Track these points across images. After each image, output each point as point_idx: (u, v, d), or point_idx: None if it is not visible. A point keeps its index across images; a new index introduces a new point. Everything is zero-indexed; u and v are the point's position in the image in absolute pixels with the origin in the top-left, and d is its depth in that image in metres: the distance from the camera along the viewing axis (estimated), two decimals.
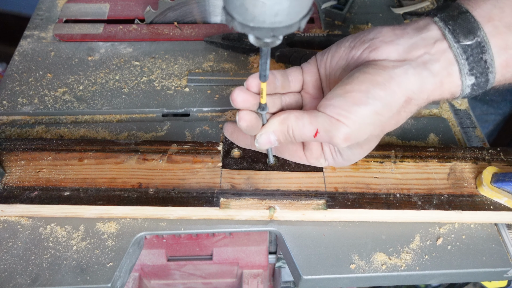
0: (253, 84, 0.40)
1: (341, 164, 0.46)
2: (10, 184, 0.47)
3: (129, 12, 0.74)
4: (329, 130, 0.38)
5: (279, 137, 0.41)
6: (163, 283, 0.68)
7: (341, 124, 0.37)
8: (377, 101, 0.37)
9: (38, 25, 0.72)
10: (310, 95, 0.45)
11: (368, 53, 0.39)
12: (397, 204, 0.46)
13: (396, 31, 0.39)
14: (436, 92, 0.38)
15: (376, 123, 0.38)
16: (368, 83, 0.37)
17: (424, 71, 0.37)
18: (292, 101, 0.45)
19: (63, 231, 0.46)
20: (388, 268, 0.44)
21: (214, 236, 0.59)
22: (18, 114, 0.59)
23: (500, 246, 0.46)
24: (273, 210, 0.46)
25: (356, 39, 0.41)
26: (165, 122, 0.58)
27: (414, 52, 0.38)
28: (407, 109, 0.38)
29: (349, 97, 0.37)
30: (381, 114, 0.37)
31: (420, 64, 0.37)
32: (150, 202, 0.45)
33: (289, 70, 0.44)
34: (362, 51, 0.39)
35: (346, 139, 0.38)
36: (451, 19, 0.38)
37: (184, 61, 0.67)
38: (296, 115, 0.40)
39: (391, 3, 0.79)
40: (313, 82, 0.45)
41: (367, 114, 0.37)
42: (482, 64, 0.37)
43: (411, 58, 0.37)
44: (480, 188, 0.47)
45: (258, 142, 0.41)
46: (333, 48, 0.43)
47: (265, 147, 0.42)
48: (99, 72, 0.64)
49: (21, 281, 0.42)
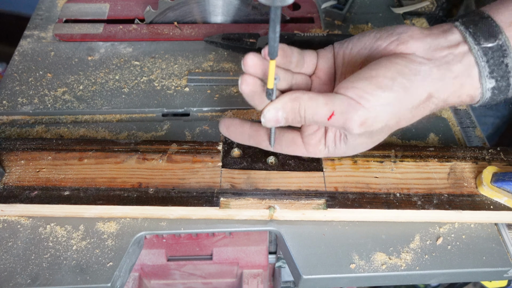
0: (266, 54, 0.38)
1: (341, 154, 0.44)
2: (10, 183, 0.47)
3: (129, 12, 0.74)
4: (346, 112, 0.37)
5: (288, 115, 0.39)
6: (163, 283, 0.68)
7: (360, 107, 0.37)
8: (401, 90, 0.37)
9: (38, 25, 0.72)
10: (321, 81, 0.45)
11: (396, 46, 0.39)
12: (397, 203, 0.46)
13: (424, 30, 0.40)
14: (456, 94, 0.39)
15: (395, 113, 0.38)
16: (395, 71, 0.37)
17: (447, 72, 0.38)
18: (302, 82, 0.44)
19: (63, 230, 0.46)
20: (388, 267, 0.44)
21: (214, 236, 0.59)
22: (18, 114, 0.59)
23: (500, 245, 0.46)
24: (273, 209, 0.46)
25: (382, 31, 0.41)
26: (165, 122, 0.58)
27: (439, 52, 0.38)
28: (426, 106, 0.39)
29: (374, 80, 0.37)
30: (402, 103, 0.38)
31: (444, 65, 0.38)
32: (150, 202, 0.45)
33: (305, 51, 0.44)
34: (389, 42, 0.40)
35: (362, 124, 0.37)
36: (472, 23, 0.39)
37: (184, 61, 0.67)
38: (310, 95, 0.39)
39: (391, 3, 0.79)
40: (326, 68, 0.44)
41: (389, 100, 0.37)
42: (503, 67, 0.38)
43: (436, 58, 0.38)
44: (480, 188, 0.47)
45: (265, 116, 0.39)
46: (356, 37, 0.43)
47: (270, 124, 0.40)
48: (99, 72, 0.64)
49: (21, 281, 0.42)
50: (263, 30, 0.71)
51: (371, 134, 0.40)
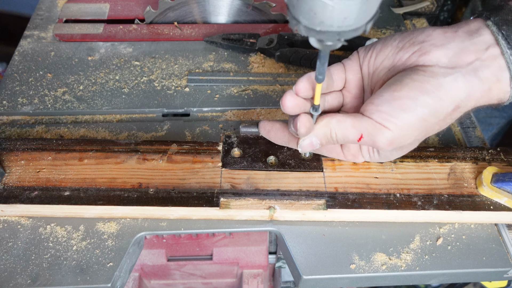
0: (302, 88, 0.39)
1: (377, 160, 0.46)
2: (10, 184, 0.47)
3: (129, 12, 0.74)
4: (373, 135, 0.38)
5: (321, 140, 0.41)
6: (163, 283, 0.68)
7: (385, 130, 0.37)
8: (425, 109, 0.36)
9: (38, 25, 0.72)
10: (351, 94, 0.45)
11: (418, 57, 0.38)
12: (397, 204, 0.46)
13: (447, 34, 0.38)
14: (484, 99, 0.38)
15: (421, 129, 0.38)
16: (417, 90, 0.36)
17: (474, 79, 0.37)
18: (334, 101, 0.45)
19: (63, 231, 0.46)
20: (388, 268, 0.44)
21: (214, 236, 0.59)
22: (18, 114, 0.59)
23: (500, 246, 0.46)
24: (273, 210, 0.46)
25: (404, 40, 0.40)
26: (165, 122, 0.58)
27: (464, 58, 0.37)
28: (453, 115, 0.38)
29: (397, 103, 0.37)
30: (427, 120, 0.37)
31: (470, 72, 0.37)
32: (150, 202, 0.45)
33: (332, 68, 0.43)
34: (411, 54, 0.39)
35: (390, 144, 0.38)
36: (505, 24, 0.37)
37: (184, 61, 0.67)
38: (338, 119, 0.39)
39: (391, 3, 0.79)
40: (356, 81, 0.44)
41: (413, 121, 0.37)
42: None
43: (461, 65, 0.37)
44: (480, 188, 0.47)
45: (301, 146, 0.41)
46: (379, 46, 0.42)
47: (307, 150, 0.42)
48: (99, 72, 0.64)
49: (21, 281, 0.42)
50: (263, 30, 0.71)
51: (401, 147, 0.42)
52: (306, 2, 0.28)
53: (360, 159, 0.46)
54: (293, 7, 0.29)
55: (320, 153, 0.48)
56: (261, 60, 0.67)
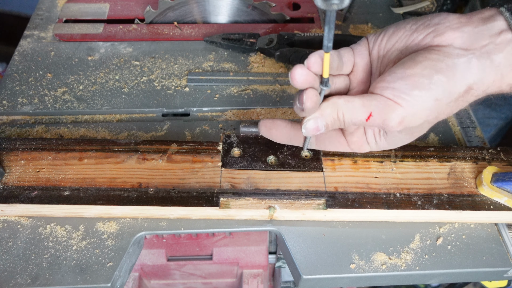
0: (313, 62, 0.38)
1: (383, 148, 0.45)
2: (10, 184, 0.47)
3: (129, 12, 0.74)
4: (384, 112, 0.37)
5: (327, 122, 0.40)
6: (163, 283, 0.68)
7: (397, 106, 0.37)
8: (438, 87, 0.36)
9: (38, 25, 0.72)
10: (358, 79, 0.44)
11: (432, 38, 0.38)
12: (397, 203, 0.46)
13: (462, 19, 0.38)
14: (496, 84, 0.38)
15: (433, 109, 0.37)
16: (431, 69, 0.36)
17: (487, 62, 0.37)
18: (342, 85, 0.44)
19: (63, 231, 0.46)
20: (388, 268, 0.44)
21: (214, 236, 0.59)
22: (18, 114, 0.59)
23: (500, 246, 0.46)
24: (273, 209, 0.46)
25: (418, 22, 0.40)
26: (165, 122, 0.58)
27: (479, 41, 0.37)
28: (465, 98, 0.38)
29: (411, 80, 0.37)
30: (440, 100, 0.37)
31: (484, 54, 0.37)
32: (150, 202, 0.45)
33: (342, 51, 0.43)
34: (426, 35, 0.39)
35: (400, 122, 0.37)
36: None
37: (184, 61, 0.67)
38: (345, 99, 0.39)
39: (391, 2, 0.79)
40: (364, 65, 0.43)
41: (426, 99, 0.36)
42: None
43: (475, 47, 0.37)
44: (480, 188, 0.47)
45: (306, 127, 0.40)
46: (391, 29, 0.41)
47: (311, 133, 0.40)
48: (99, 72, 0.64)
49: (21, 281, 0.42)
50: (263, 30, 0.71)
51: (411, 130, 0.41)
52: None
53: (365, 147, 0.45)
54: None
55: (323, 147, 0.46)
56: (261, 60, 0.67)
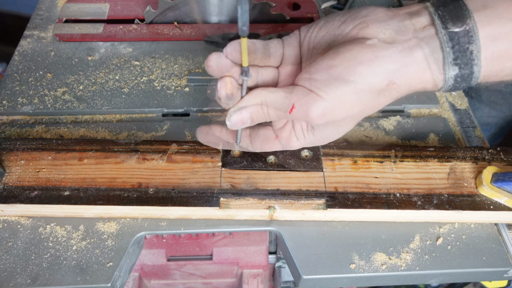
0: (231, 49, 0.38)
1: (313, 143, 0.44)
2: (10, 184, 0.47)
3: (129, 12, 0.74)
4: (306, 104, 0.37)
5: (252, 114, 0.40)
6: (163, 283, 0.68)
7: (318, 98, 0.37)
8: (359, 79, 0.36)
9: (38, 25, 0.72)
10: (287, 72, 0.43)
11: (358, 30, 0.38)
12: (397, 204, 0.46)
13: (389, 12, 0.38)
14: (418, 80, 0.38)
15: (355, 102, 0.37)
16: (353, 61, 0.36)
17: (409, 56, 0.36)
18: (269, 77, 0.43)
19: (63, 231, 0.46)
20: (388, 268, 0.44)
21: (214, 236, 0.59)
22: (18, 114, 0.59)
23: (500, 246, 0.46)
24: (273, 210, 0.46)
25: (347, 15, 0.40)
26: (165, 122, 0.58)
27: (403, 35, 0.37)
28: (387, 93, 0.38)
29: (331, 72, 0.36)
30: (361, 93, 0.37)
31: (406, 48, 0.36)
32: (150, 202, 0.45)
33: (270, 42, 0.42)
34: (353, 27, 0.38)
35: (322, 115, 0.37)
36: (442, 5, 0.36)
37: (184, 61, 0.67)
38: (270, 89, 0.39)
39: (391, 3, 0.79)
40: (293, 57, 0.43)
41: (347, 91, 0.36)
42: (467, 54, 0.36)
43: (398, 41, 0.37)
44: (480, 188, 0.47)
45: (230, 119, 0.39)
46: (321, 21, 0.41)
47: (236, 126, 0.40)
48: (99, 72, 0.64)
49: (21, 281, 0.42)
50: (263, 30, 0.71)
51: (336, 124, 0.41)
52: None
53: (294, 143, 0.44)
54: None
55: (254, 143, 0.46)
56: None
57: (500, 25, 0.35)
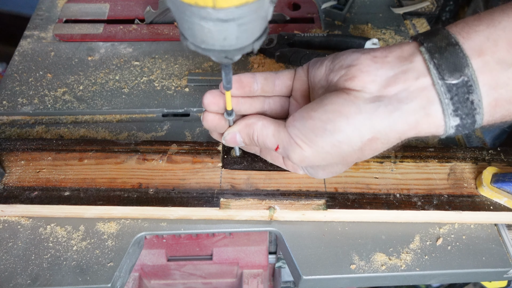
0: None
1: (311, 175, 0.45)
2: (10, 184, 0.47)
3: (129, 12, 0.74)
4: (287, 149, 0.38)
5: (244, 139, 0.42)
6: (163, 283, 0.68)
7: (296, 146, 0.37)
8: (336, 134, 0.35)
9: (38, 25, 0.72)
10: (297, 103, 0.43)
11: (344, 82, 0.36)
12: (397, 204, 0.46)
13: (377, 59, 0.35)
14: (411, 132, 0.35)
15: (335, 154, 0.36)
16: (333, 113, 0.35)
17: (397, 111, 0.34)
18: (277, 105, 0.44)
19: (63, 231, 0.46)
20: (388, 268, 0.44)
21: (214, 236, 0.59)
22: (18, 114, 0.59)
23: (500, 246, 0.46)
24: (273, 210, 0.46)
25: (334, 61, 0.38)
26: (165, 122, 0.58)
27: (391, 87, 0.34)
28: (372, 147, 0.36)
29: (309, 123, 0.36)
30: (340, 146, 0.36)
31: (394, 102, 0.34)
32: (150, 202, 0.45)
33: (280, 73, 0.43)
34: (340, 77, 0.37)
35: (301, 161, 0.38)
36: (438, 52, 0.33)
37: (184, 61, 0.67)
38: (263, 123, 0.40)
39: (391, 3, 0.79)
40: (302, 91, 0.43)
41: (323, 144, 0.36)
42: (468, 105, 0.33)
43: (386, 94, 0.34)
44: (480, 189, 0.47)
45: (225, 139, 0.43)
46: (318, 63, 0.40)
47: (230, 145, 0.43)
48: (99, 72, 0.64)
49: (21, 281, 0.42)
50: None
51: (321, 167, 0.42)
52: (186, 21, 0.28)
53: (300, 171, 0.45)
54: (179, 23, 0.29)
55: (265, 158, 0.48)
56: (261, 60, 0.67)
57: (501, 72, 0.33)
